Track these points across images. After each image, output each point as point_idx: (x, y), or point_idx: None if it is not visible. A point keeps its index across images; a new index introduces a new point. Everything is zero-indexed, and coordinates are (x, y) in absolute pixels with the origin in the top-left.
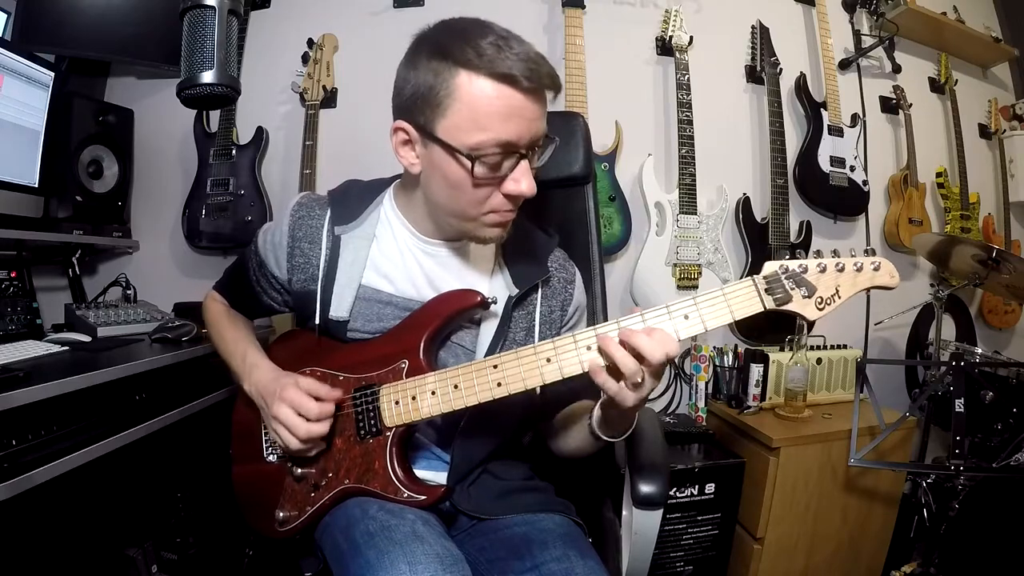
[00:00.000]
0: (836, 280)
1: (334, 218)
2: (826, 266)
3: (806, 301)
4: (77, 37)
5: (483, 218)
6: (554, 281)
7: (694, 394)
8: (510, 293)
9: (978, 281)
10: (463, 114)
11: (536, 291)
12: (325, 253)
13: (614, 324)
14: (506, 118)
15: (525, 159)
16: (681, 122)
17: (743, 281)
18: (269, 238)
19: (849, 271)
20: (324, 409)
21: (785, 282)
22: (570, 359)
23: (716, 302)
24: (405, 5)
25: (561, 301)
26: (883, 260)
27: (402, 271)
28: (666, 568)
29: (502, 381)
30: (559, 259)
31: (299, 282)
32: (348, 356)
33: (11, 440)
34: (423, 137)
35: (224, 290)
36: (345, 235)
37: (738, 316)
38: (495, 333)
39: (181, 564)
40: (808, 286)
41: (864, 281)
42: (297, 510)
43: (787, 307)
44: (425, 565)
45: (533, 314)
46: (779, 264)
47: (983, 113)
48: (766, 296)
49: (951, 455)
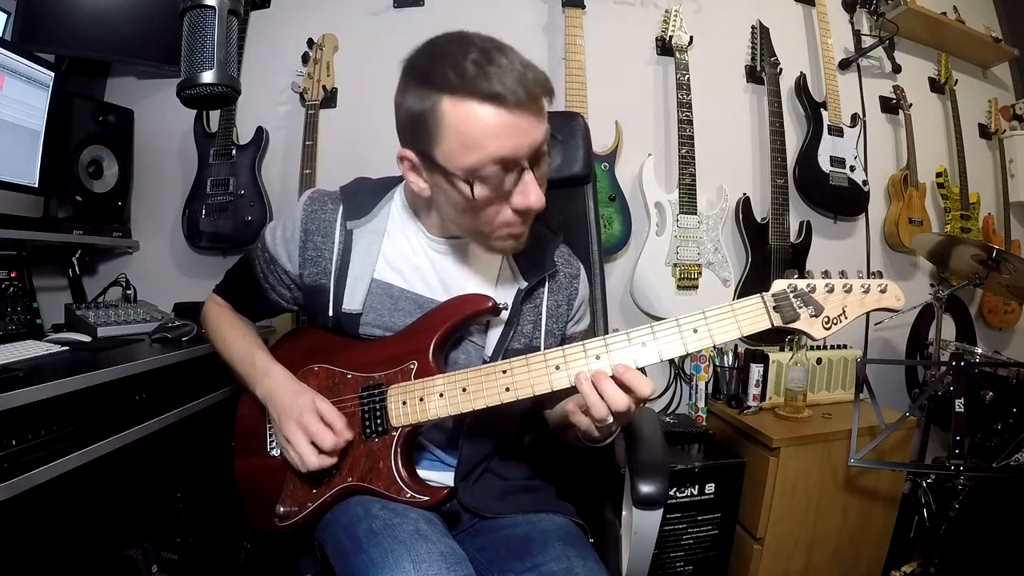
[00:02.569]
0: (843, 301)
1: (346, 213)
2: (834, 287)
3: (813, 320)
4: (77, 37)
5: (496, 233)
6: (560, 276)
7: (694, 394)
8: (519, 286)
9: (978, 281)
10: (453, 139)
11: (543, 285)
12: (338, 247)
13: (623, 336)
14: (497, 136)
15: (529, 171)
16: (681, 122)
17: (752, 298)
18: (280, 233)
19: (856, 293)
20: (338, 443)
21: (793, 301)
22: (579, 368)
23: (725, 317)
24: (405, 5)
25: (567, 295)
26: (890, 283)
27: (413, 266)
28: (666, 568)
29: (511, 386)
30: (564, 255)
31: (311, 276)
32: (356, 355)
33: (11, 440)
34: (425, 163)
35: (226, 293)
36: (357, 230)
37: (746, 332)
38: (504, 326)
39: (181, 564)
40: (815, 305)
41: (871, 303)
42: (298, 506)
43: (794, 325)
44: (429, 563)
45: (540, 307)
46: (787, 283)
47: (983, 113)
48: (774, 314)
49: (951, 455)
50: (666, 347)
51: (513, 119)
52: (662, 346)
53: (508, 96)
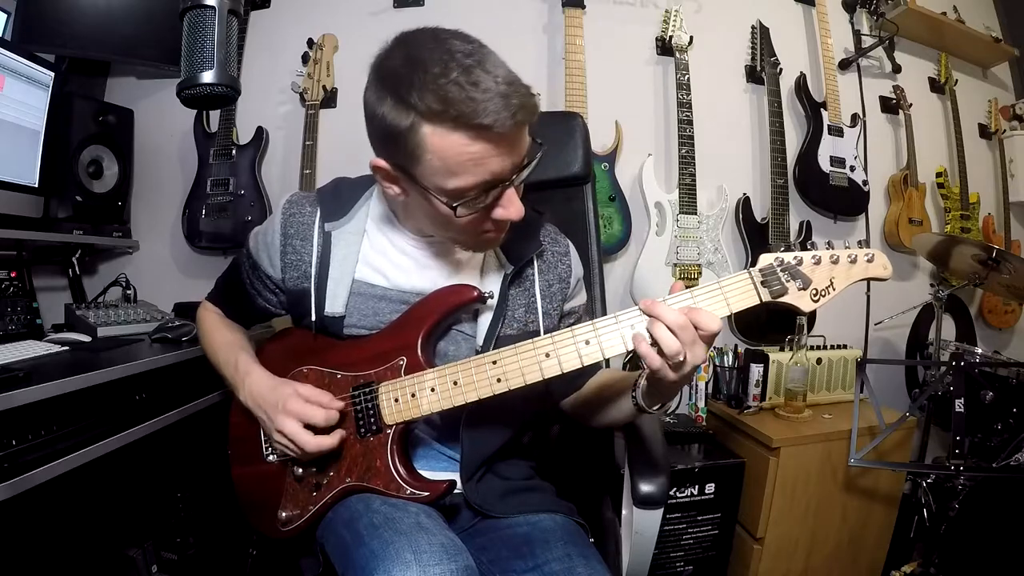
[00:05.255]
0: (831, 272)
1: (324, 215)
2: (820, 258)
3: (801, 293)
4: (77, 37)
5: (473, 239)
6: (548, 255)
7: (694, 394)
8: (505, 271)
9: (978, 281)
10: (435, 164)
11: (531, 266)
12: (317, 250)
13: (612, 319)
14: (482, 163)
15: (511, 186)
16: (681, 122)
17: (739, 274)
18: (261, 239)
19: (843, 263)
20: (330, 416)
21: (780, 274)
22: (569, 353)
23: (713, 295)
24: (405, 5)
25: (559, 274)
26: (876, 251)
27: (394, 264)
28: (666, 568)
29: (502, 377)
30: (550, 233)
31: (292, 280)
32: (344, 354)
33: (11, 440)
34: (402, 176)
35: (217, 300)
36: (336, 231)
37: (735, 308)
38: (493, 313)
39: (181, 564)
40: (803, 278)
41: (858, 272)
42: (299, 509)
43: (783, 299)
44: (430, 554)
45: (531, 290)
46: (774, 256)
47: (983, 113)
48: (762, 288)
49: (951, 455)
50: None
51: (499, 147)
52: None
53: (495, 127)
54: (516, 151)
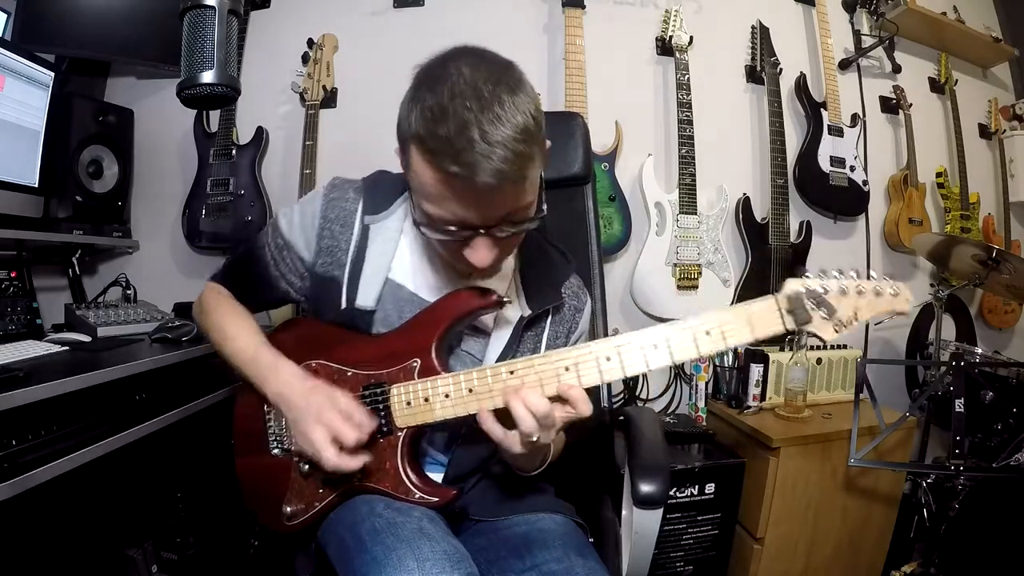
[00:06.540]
0: (855, 303)
1: (366, 206)
2: (847, 289)
3: (825, 322)
4: (77, 37)
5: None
6: (565, 308)
7: (694, 394)
8: (523, 313)
9: (978, 281)
10: (415, 181)
11: (547, 317)
12: (355, 240)
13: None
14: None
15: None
16: (681, 122)
17: (765, 299)
18: (298, 219)
19: (869, 295)
20: (361, 439)
21: (807, 303)
22: (590, 369)
23: (739, 320)
24: (405, 5)
25: (567, 328)
26: (902, 286)
27: (424, 274)
28: (666, 568)
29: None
30: (573, 287)
31: (323, 266)
32: (354, 351)
33: (11, 440)
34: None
35: (227, 281)
36: (374, 225)
37: (759, 336)
38: (505, 346)
39: (181, 564)
40: (828, 307)
41: (883, 305)
42: (304, 504)
43: (807, 327)
44: (433, 562)
45: (540, 336)
46: (801, 283)
47: (983, 113)
48: (787, 316)
49: (951, 455)
50: (678, 349)
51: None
52: (674, 348)
53: (459, 177)
54: (489, 205)
